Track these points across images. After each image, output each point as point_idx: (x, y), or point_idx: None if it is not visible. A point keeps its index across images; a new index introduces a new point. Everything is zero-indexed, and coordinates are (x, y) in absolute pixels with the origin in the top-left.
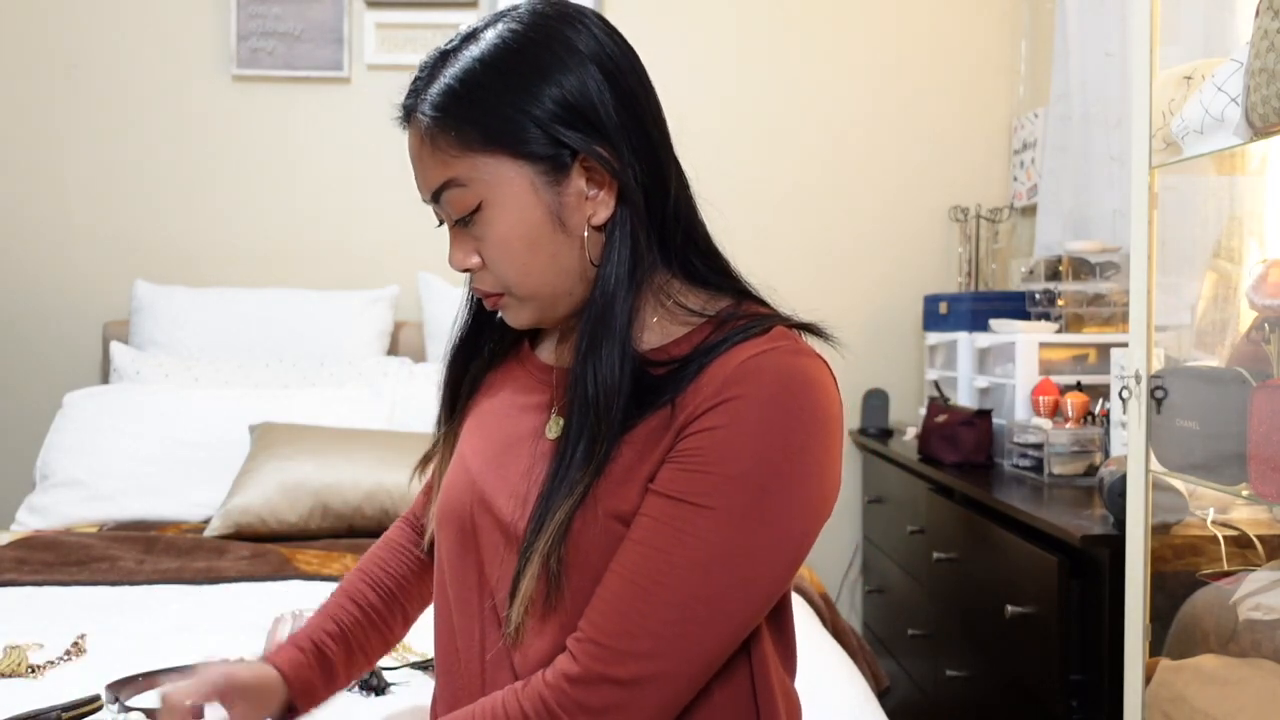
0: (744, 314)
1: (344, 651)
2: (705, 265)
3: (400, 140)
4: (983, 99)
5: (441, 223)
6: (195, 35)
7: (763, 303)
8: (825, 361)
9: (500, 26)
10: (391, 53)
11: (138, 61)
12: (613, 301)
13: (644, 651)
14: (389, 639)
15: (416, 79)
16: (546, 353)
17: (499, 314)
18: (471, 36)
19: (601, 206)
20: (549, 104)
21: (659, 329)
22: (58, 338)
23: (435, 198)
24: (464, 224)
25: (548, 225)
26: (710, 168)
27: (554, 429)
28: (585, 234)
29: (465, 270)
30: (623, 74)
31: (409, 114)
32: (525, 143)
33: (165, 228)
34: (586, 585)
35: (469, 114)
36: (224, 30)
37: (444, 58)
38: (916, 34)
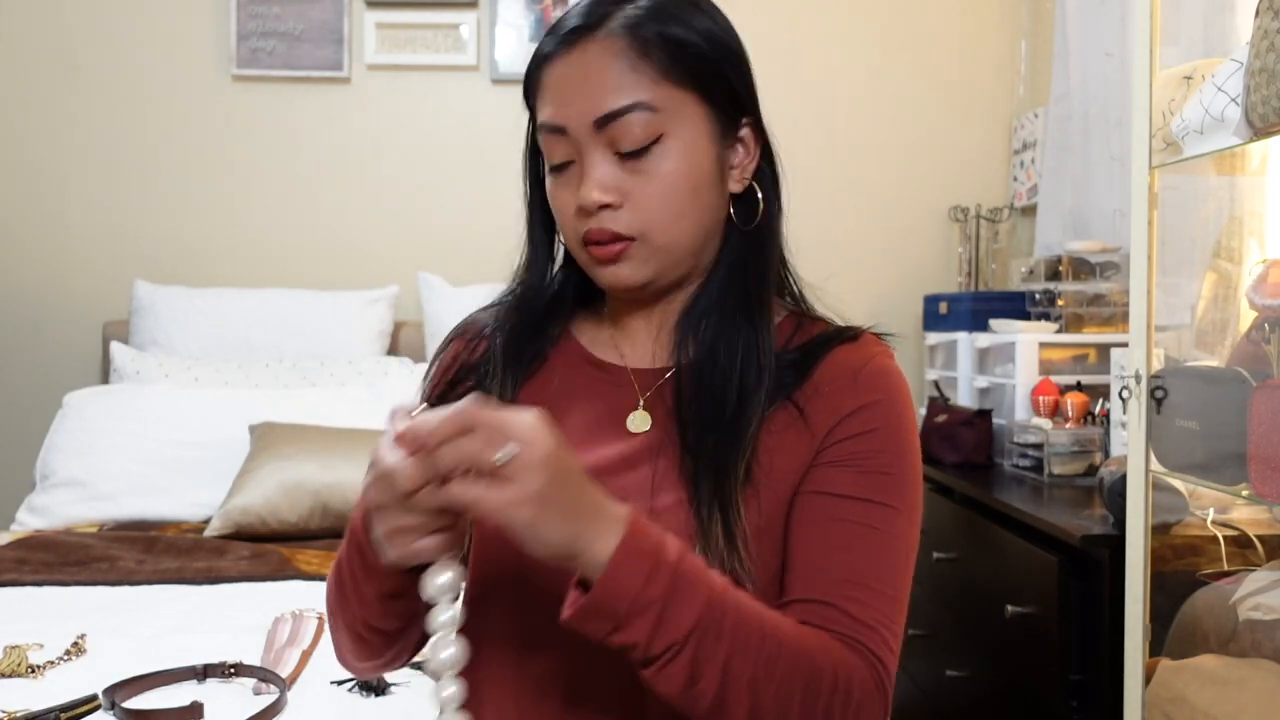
0: (816, 316)
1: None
2: (781, 262)
3: (400, 141)
4: (983, 99)
5: (557, 167)
6: (195, 35)
7: (810, 306)
8: None
9: None
10: (391, 53)
11: (138, 61)
12: (770, 267)
13: (891, 653)
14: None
15: (588, 10)
16: (606, 353)
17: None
18: None
19: (745, 174)
20: (734, 59)
21: None
22: (58, 338)
23: (605, 121)
24: (630, 156)
25: (712, 175)
26: None
27: (641, 423)
28: (729, 198)
29: (602, 206)
30: (745, 53)
31: (583, 34)
32: (715, 89)
33: (165, 228)
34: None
35: (674, 43)
36: (224, 30)
37: None
38: (916, 34)
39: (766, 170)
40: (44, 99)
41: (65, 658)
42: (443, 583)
